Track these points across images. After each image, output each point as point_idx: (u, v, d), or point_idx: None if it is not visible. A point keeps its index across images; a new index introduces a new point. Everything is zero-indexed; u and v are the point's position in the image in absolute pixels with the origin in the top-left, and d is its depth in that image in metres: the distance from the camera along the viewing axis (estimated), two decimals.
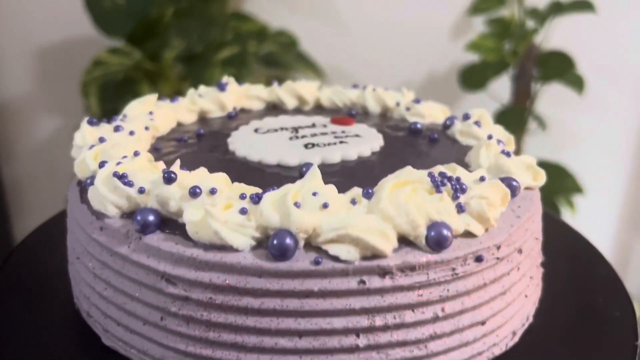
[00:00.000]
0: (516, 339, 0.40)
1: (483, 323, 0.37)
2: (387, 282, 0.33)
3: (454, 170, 0.39)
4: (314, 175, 0.36)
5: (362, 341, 0.34)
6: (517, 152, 1.11)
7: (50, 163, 1.24)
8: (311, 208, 0.33)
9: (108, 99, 0.86)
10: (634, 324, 0.43)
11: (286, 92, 0.62)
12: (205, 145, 0.49)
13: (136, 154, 0.41)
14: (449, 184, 0.36)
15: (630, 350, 0.41)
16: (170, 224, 0.36)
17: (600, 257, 0.52)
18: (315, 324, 0.33)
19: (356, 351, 0.34)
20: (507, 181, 0.41)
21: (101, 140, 0.44)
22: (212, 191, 0.35)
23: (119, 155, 0.41)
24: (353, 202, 0.35)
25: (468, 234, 0.36)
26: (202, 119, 0.58)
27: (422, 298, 0.34)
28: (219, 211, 0.33)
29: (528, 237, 0.40)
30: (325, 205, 0.33)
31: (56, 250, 0.49)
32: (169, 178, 0.35)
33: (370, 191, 0.35)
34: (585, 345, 0.41)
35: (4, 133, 1.20)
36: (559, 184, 1.20)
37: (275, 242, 0.32)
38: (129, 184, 0.37)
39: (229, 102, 0.59)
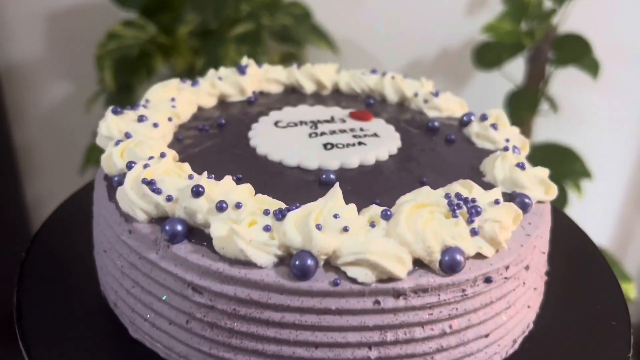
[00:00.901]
0: (516, 346, 0.43)
1: (487, 336, 0.40)
2: (401, 302, 0.35)
3: (470, 188, 0.41)
4: (335, 195, 0.37)
5: (373, 353, 0.36)
6: (528, 134, 1.12)
7: (61, 128, 1.25)
8: (332, 230, 0.35)
9: (122, 72, 0.86)
10: (628, 334, 0.45)
11: (305, 76, 0.62)
12: (226, 138, 0.50)
13: (162, 155, 0.42)
14: (464, 207, 0.38)
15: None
16: (198, 234, 0.37)
17: (601, 260, 0.54)
18: (331, 338, 0.35)
19: None
20: (520, 198, 0.42)
21: (127, 135, 0.45)
22: (238, 205, 0.36)
23: (145, 155, 0.43)
24: (372, 224, 0.36)
25: (479, 255, 0.38)
26: (222, 102, 0.59)
27: (432, 316, 0.36)
28: (244, 229, 0.35)
29: (536, 254, 0.42)
30: (345, 229, 0.35)
31: (80, 233, 0.51)
32: (197, 192, 0.37)
33: (388, 213, 0.37)
34: (579, 353, 0.44)
35: (15, 97, 1.20)
36: (568, 167, 1.22)
37: (297, 262, 0.34)
38: (157, 191, 0.38)
39: (248, 86, 0.59)
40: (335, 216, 0.35)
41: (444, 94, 0.60)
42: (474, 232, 0.37)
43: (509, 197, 0.43)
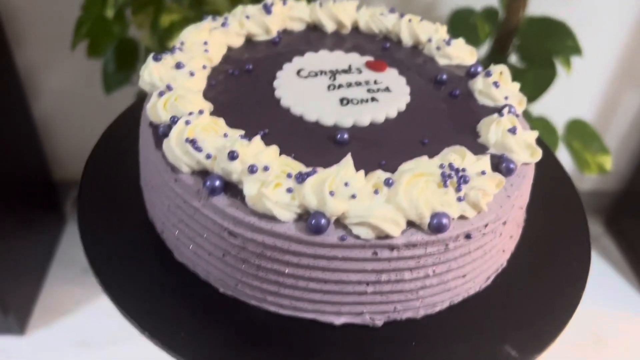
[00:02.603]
0: (489, 282, 0.52)
1: (464, 276, 0.49)
2: (394, 253, 0.44)
3: (463, 156, 0.48)
4: (347, 164, 0.44)
5: (369, 289, 0.46)
6: (524, 6, 1.19)
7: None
8: (342, 196, 0.43)
9: None
10: (585, 275, 0.54)
11: (326, 16, 0.66)
12: (254, 86, 0.57)
13: (200, 112, 0.49)
14: (455, 177, 0.45)
15: (578, 295, 0.53)
16: (233, 188, 0.45)
17: (579, 207, 0.61)
18: (337, 276, 0.45)
19: (365, 294, 0.46)
20: (507, 163, 0.49)
21: (168, 87, 0.52)
22: (266, 168, 0.44)
23: (186, 110, 0.50)
24: (376, 192, 0.44)
25: (462, 216, 0.46)
26: (249, 41, 0.64)
27: (419, 264, 0.45)
28: (271, 191, 0.43)
29: (514, 210, 0.50)
30: (353, 196, 0.43)
31: (129, 158, 0.59)
32: (232, 156, 0.44)
33: (390, 181, 0.44)
34: (543, 287, 0.53)
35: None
36: (560, 42, 1.26)
37: (313, 222, 0.42)
38: (199, 149, 0.46)
39: (273, 26, 0.64)
40: (346, 184, 0.43)
41: (456, 41, 0.64)
42: (459, 199, 0.45)
43: (498, 159, 0.50)
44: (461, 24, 1.34)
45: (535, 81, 1.36)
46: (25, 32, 1.52)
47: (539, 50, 1.30)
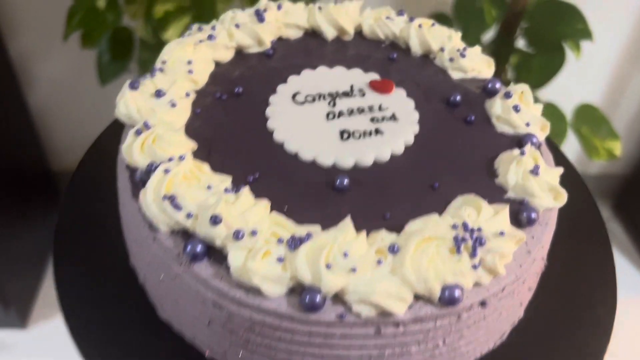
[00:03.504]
0: (504, 337, 0.47)
1: (477, 339, 0.44)
2: (400, 329, 0.39)
3: (478, 209, 0.42)
4: (346, 229, 0.39)
5: None
6: None
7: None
8: (340, 270, 0.37)
9: None
10: (611, 323, 0.49)
11: (326, 21, 0.59)
12: (243, 115, 0.50)
13: (181, 158, 0.43)
14: (469, 240, 0.39)
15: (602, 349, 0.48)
16: (217, 253, 0.40)
17: (604, 235, 0.56)
18: (335, 353, 0.40)
19: None
20: (528, 212, 0.44)
21: (146, 126, 0.46)
22: (253, 233, 0.39)
23: (165, 155, 0.44)
24: (379, 261, 0.38)
25: (476, 283, 0.40)
26: (239, 53, 0.57)
27: (428, 336, 0.40)
28: (258, 264, 0.38)
29: (535, 265, 0.45)
30: (353, 270, 0.37)
31: (107, 191, 0.54)
32: (214, 220, 0.39)
33: (396, 248, 0.39)
34: (563, 341, 0.48)
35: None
36: (570, 26, 1.21)
37: (307, 298, 0.37)
38: (178, 207, 0.40)
39: (266, 36, 0.57)
40: (345, 254, 0.38)
41: (471, 50, 0.57)
42: (474, 267, 0.39)
43: (518, 205, 0.45)
44: (467, 8, 1.30)
45: (543, 66, 1.33)
46: (19, 21, 1.49)
47: (548, 34, 1.26)
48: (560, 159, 0.59)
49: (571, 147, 1.48)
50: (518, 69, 1.32)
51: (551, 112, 1.28)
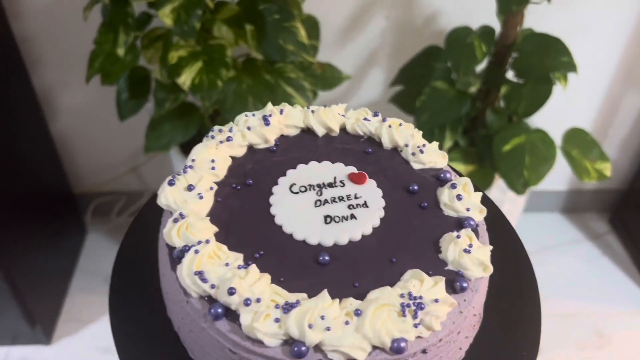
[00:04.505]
0: None
1: None
2: None
3: (421, 281, 0.58)
4: (324, 298, 0.55)
5: None
6: (520, 22, 1.33)
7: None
8: (319, 329, 0.53)
9: None
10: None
11: (317, 122, 0.76)
12: (252, 201, 0.67)
13: (207, 241, 0.60)
14: (412, 306, 0.55)
15: None
16: (233, 314, 0.56)
17: (533, 283, 0.71)
18: None
19: None
20: (460, 283, 0.59)
21: (181, 216, 0.62)
22: (258, 300, 0.55)
23: (195, 239, 0.60)
24: (347, 323, 0.54)
25: (418, 336, 0.56)
26: (250, 148, 0.74)
27: None
28: (261, 324, 0.54)
29: (467, 320, 0.60)
30: (328, 329, 0.53)
31: (148, 258, 0.70)
32: (231, 292, 0.55)
33: (359, 312, 0.55)
34: None
35: None
36: (555, 59, 1.33)
37: (295, 349, 0.53)
38: (205, 280, 0.57)
39: (271, 135, 0.74)
40: (322, 317, 0.54)
41: (429, 146, 0.73)
42: (415, 326, 0.55)
43: (455, 275, 0.60)
44: (458, 44, 1.40)
45: (532, 96, 1.44)
46: (42, 57, 1.65)
47: (536, 66, 1.38)
48: (504, 228, 0.75)
49: (562, 168, 1.58)
50: (508, 99, 1.48)
51: (541, 138, 1.41)
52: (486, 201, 0.71)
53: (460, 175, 0.75)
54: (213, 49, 1.27)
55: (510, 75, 1.46)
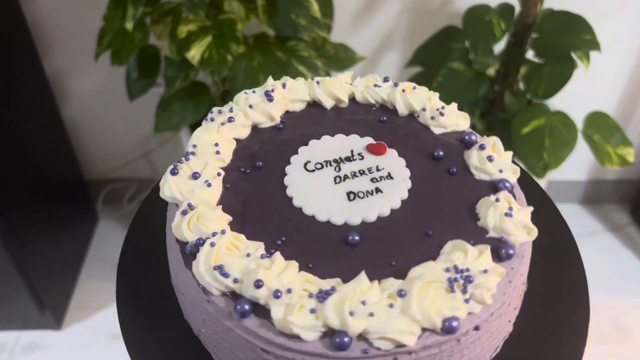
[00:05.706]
0: (498, 350, 0.58)
1: (475, 356, 0.54)
2: (413, 356, 0.49)
3: (465, 252, 0.52)
4: (362, 281, 0.49)
5: None
6: (541, 2, 1.25)
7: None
8: (361, 315, 0.48)
9: None
10: (586, 328, 0.59)
11: (324, 93, 0.70)
12: (265, 185, 0.61)
13: (223, 232, 0.54)
14: (460, 280, 0.50)
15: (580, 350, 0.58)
16: (262, 309, 0.50)
17: (574, 247, 0.66)
18: None
19: None
20: (506, 249, 0.54)
21: (190, 207, 0.56)
22: (289, 291, 0.49)
23: (209, 231, 0.54)
24: (391, 305, 0.49)
25: (470, 313, 0.50)
26: (255, 128, 0.68)
27: (435, 359, 0.50)
28: (296, 317, 0.48)
29: (517, 289, 0.55)
30: (371, 314, 0.48)
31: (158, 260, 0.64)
32: (257, 285, 0.49)
33: (403, 292, 0.49)
34: (549, 347, 0.58)
35: None
36: (578, 37, 1.27)
37: (337, 340, 0.47)
38: (226, 275, 0.51)
39: (276, 112, 0.68)
40: (363, 302, 0.48)
41: (449, 108, 0.68)
42: (466, 301, 0.49)
43: (498, 242, 0.55)
44: (476, 21, 1.33)
45: (552, 76, 1.35)
46: (53, 41, 1.62)
47: (557, 45, 1.31)
48: (535, 190, 0.69)
49: (584, 157, 1.51)
50: (528, 79, 1.39)
51: (561, 120, 1.34)
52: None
53: (483, 135, 0.69)
54: (223, 23, 1.22)
55: (530, 55, 1.40)
